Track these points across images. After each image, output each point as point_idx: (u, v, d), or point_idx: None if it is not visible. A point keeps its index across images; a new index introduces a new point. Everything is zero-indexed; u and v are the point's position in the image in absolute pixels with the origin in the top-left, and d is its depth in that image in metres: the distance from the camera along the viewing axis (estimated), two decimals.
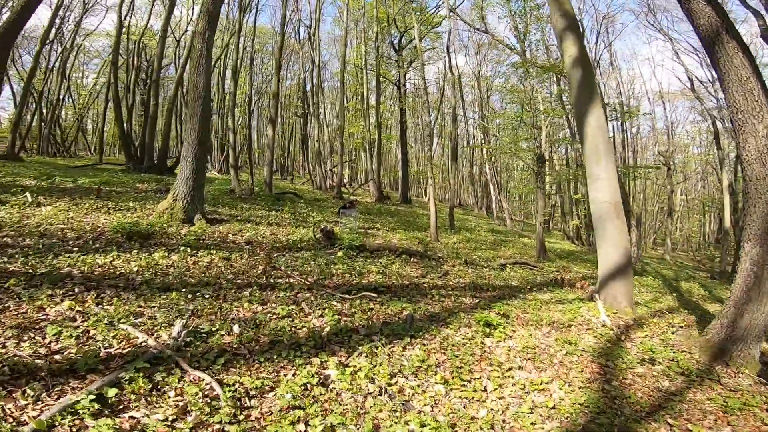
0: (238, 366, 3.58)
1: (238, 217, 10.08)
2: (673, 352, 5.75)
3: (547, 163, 14.12)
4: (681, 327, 6.92)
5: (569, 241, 28.11)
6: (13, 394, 2.67)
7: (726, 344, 5.52)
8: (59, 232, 6.53)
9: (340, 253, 7.94)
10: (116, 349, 3.48)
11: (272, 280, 6.07)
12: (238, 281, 5.78)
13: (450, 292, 7.17)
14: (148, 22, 24.78)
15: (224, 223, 9.10)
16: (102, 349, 3.43)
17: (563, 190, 31.85)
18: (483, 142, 35.17)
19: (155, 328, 4.00)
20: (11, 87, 27.35)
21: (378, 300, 6.02)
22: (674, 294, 12.38)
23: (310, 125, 23.68)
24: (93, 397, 2.68)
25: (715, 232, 43.43)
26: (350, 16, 28.50)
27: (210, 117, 9.19)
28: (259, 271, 6.33)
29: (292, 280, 6.21)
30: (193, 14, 26.78)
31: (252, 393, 3.27)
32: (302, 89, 25.52)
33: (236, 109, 31.53)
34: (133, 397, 2.90)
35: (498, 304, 6.78)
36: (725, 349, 5.50)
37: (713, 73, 28.08)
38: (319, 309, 5.26)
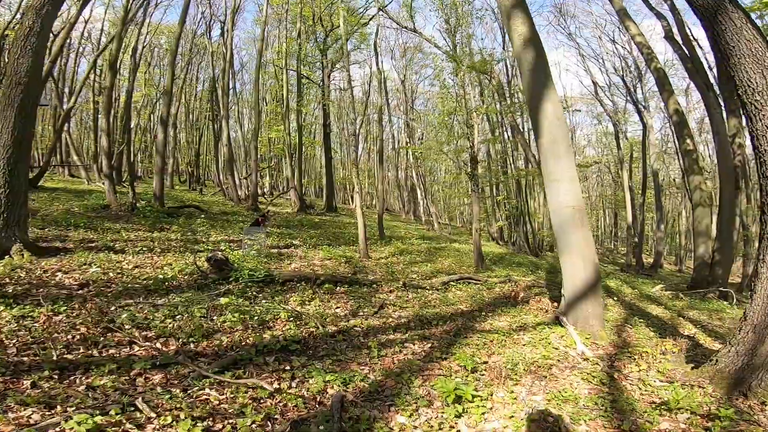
0: None
1: (93, 245, 7.11)
2: (683, 388, 4.37)
3: (479, 164, 12.84)
4: (672, 352, 5.57)
5: (494, 242, 27.79)
6: None
7: (743, 374, 4.38)
8: None
9: (224, 299, 5.44)
10: None
11: (96, 351, 3.52)
12: (23, 359, 3.17)
13: (392, 337, 5.10)
14: None
15: (63, 254, 6.15)
16: None
17: (485, 192, 31.78)
18: (408, 144, 34.10)
19: None
20: None
21: (287, 370, 3.76)
22: (614, 298, 11.57)
23: (218, 128, 20.29)
24: None
25: (611, 227, 47.07)
26: (272, 12, 25.67)
27: (34, 110, 6.25)
28: (78, 336, 3.73)
29: (136, 349, 3.71)
30: None
31: None
32: (213, 89, 22.15)
33: (132, 112, 26.90)
34: None
35: (458, 351, 4.85)
36: (743, 379, 4.37)
37: (611, 78, 29.75)
38: (170, 411, 2.85)
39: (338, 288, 6.77)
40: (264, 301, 5.47)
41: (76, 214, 10.19)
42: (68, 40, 22.34)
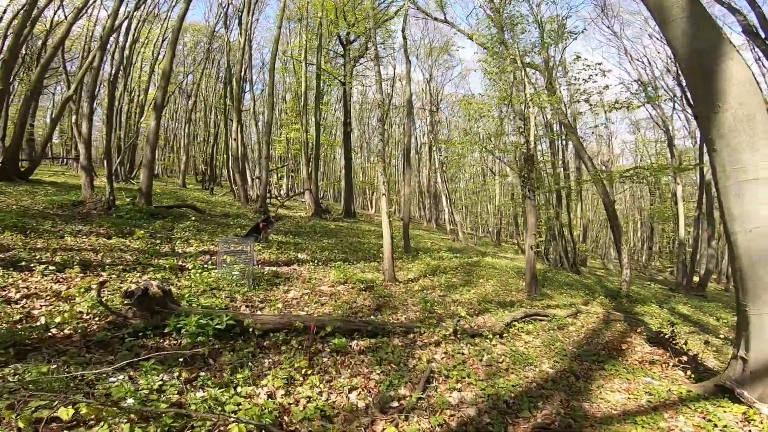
0: None
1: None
2: None
3: (534, 165, 10.07)
4: None
5: (524, 255, 24.72)
6: None
7: None
8: None
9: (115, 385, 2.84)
10: None
11: None
12: None
13: None
14: None
15: None
16: None
17: (516, 198, 28.78)
18: (432, 149, 31.38)
19: None
20: None
21: None
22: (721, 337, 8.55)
23: (230, 125, 18.02)
24: None
25: (644, 240, 43.11)
26: (293, 7, 23.58)
27: None
28: None
29: None
30: None
31: None
32: (228, 80, 19.96)
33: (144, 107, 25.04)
34: None
35: None
36: None
37: (658, 82, 26.43)
38: None
39: (354, 342, 4.12)
40: (210, 384, 2.83)
41: (31, 211, 7.88)
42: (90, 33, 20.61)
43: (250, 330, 3.64)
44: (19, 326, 3.22)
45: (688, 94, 18.29)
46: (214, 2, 37.56)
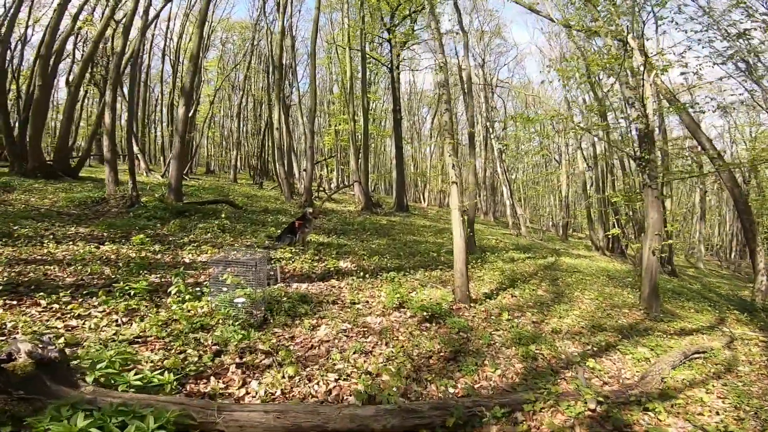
0: None
1: None
2: None
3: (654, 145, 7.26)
4: None
5: (598, 253, 21.22)
6: None
7: None
8: None
9: None
10: None
11: None
12: None
13: None
14: None
15: None
16: None
17: (588, 190, 25.12)
18: (490, 136, 28.33)
19: None
20: None
21: None
22: None
23: (272, 113, 16.54)
24: None
25: (732, 235, 36.82)
26: None
27: None
28: None
29: None
30: None
31: None
32: (270, 69, 18.59)
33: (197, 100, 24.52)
34: None
35: None
36: None
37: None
38: None
39: None
40: None
41: (38, 212, 6.68)
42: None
43: None
44: None
45: None
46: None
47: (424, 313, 4.43)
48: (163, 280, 4.22)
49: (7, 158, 13.70)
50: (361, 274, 5.81)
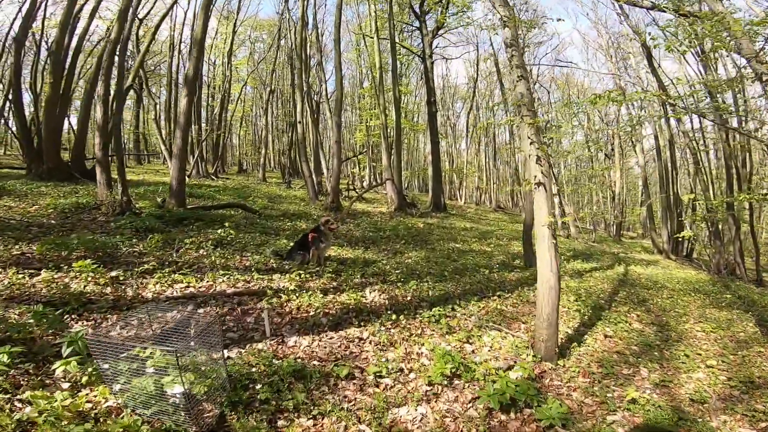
0: None
1: None
2: None
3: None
4: None
5: (662, 256, 18.28)
6: None
7: None
8: None
9: None
10: None
11: None
12: None
13: None
14: None
15: None
16: None
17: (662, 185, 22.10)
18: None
19: None
20: None
21: None
22: None
23: (296, 108, 14.97)
24: None
25: None
26: None
27: None
28: None
29: None
30: None
31: None
32: (292, 59, 17.09)
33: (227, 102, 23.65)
34: None
35: None
36: None
37: None
38: None
39: None
40: None
41: (36, 216, 5.45)
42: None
43: None
44: None
45: None
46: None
47: (494, 393, 2.61)
48: (97, 325, 2.66)
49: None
50: (394, 312, 4.05)
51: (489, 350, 3.59)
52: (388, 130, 17.10)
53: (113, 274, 3.88)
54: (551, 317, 3.17)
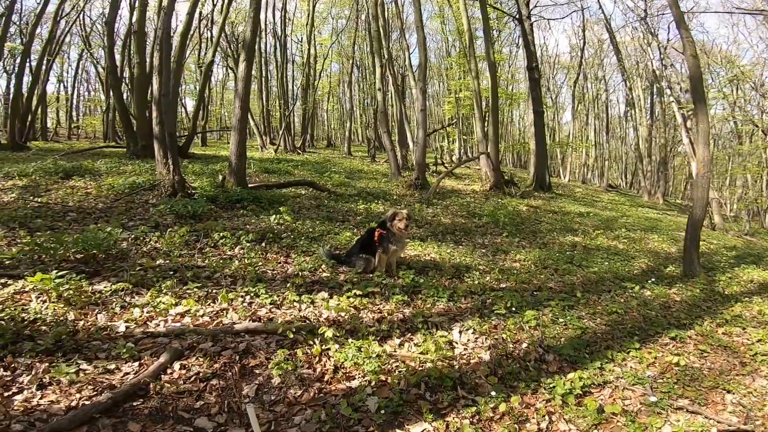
0: None
1: None
2: None
3: None
4: None
5: None
6: None
7: None
8: None
9: None
10: None
11: None
12: None
13: None
14: None
15: None
16: None
17: None
18: (663, 100, 20.41)
19: None
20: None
21: None
22: None
23: (379, 73, 12.93)
24: None
25: None
26: None
27: None
28: None
29: None
30: None
31: None
32: (370, 16, 15.02)
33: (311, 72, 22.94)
34: None
35: None
36: None
37: None
38: None
39: None
40: None
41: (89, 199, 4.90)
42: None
43: None
44: None
45: None
46: None
47: None
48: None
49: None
50: (499, 379, 2.28)
51: None
52: (482, 99, 14.55)
53: (101, 287, 2.75)
54: None
